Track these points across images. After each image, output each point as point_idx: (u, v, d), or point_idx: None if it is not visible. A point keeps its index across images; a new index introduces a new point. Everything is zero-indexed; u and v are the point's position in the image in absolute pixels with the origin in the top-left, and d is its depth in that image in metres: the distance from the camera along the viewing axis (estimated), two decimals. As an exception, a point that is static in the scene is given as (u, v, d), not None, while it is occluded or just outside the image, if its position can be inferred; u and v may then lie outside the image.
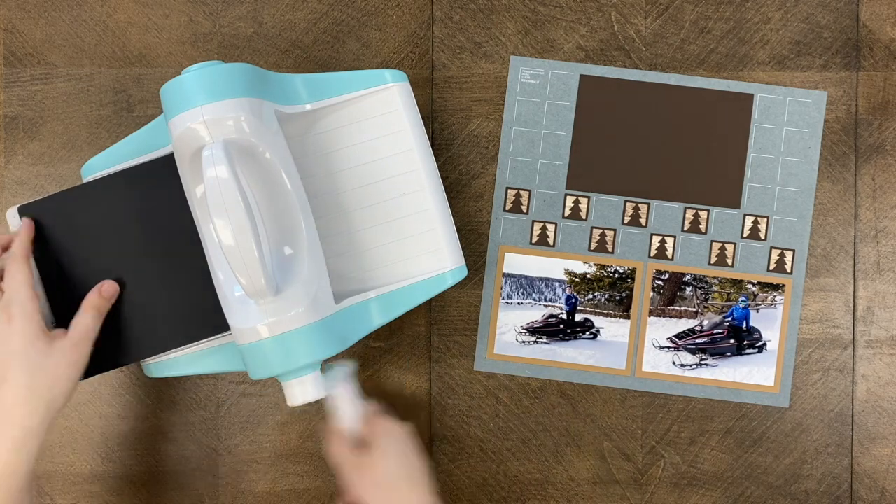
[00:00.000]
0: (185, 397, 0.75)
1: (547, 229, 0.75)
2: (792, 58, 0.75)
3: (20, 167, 0.74)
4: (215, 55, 0.75)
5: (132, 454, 0.75)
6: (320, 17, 0.75)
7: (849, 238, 0.75)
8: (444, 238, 0.67)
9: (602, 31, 0.75)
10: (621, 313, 0.75)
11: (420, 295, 0.67)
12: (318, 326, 0.61)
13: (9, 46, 0.75)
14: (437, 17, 0.75)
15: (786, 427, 0.75)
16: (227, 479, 0.75)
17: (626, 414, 0.75)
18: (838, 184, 0.75)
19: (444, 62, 0.75)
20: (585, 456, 0.75)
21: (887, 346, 0.74)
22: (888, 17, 0.75)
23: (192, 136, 0.59)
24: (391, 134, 0.67)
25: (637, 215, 0.75)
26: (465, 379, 0.75)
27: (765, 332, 0.75)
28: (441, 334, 0.75)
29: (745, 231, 0.75)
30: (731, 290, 0.75)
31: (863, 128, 0.75)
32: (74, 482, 0.75)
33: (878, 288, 0.75)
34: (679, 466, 0.75)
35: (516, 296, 0.75)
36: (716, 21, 0.75)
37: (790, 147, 0.75)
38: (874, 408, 0.75)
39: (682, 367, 0.75)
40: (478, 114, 0.75)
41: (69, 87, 0.75)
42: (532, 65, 0.75)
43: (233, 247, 0.57)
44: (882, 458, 0.74)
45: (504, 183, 0.75)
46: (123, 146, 0.67)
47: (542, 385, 0.75)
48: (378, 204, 0.68)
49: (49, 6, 0.75)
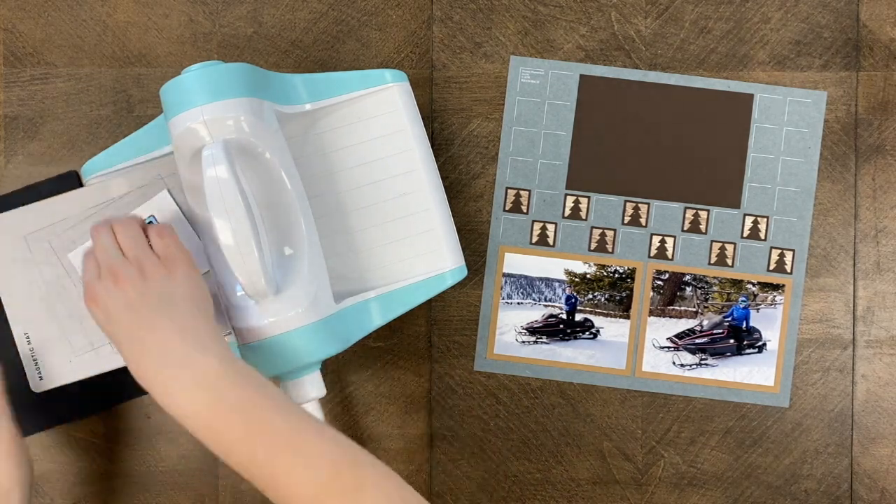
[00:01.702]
0: (185, 397, 0.75)
1: (547, 229, 0.75)
2: (792, 58, 0.75)
3: (20, 167, 0.74)
4: (215, 55, 0.75)
5: (132, 454, 0.75)
6: (320, 17, 0.75)
7: (849, 238, 0.75)
8: (444, 238, 0.68)
9: (602, 31, 0.75)
10: (621, 313, 0.75)
11: (420, 295, 0.67)
12: (318, 326, 0.61)
13: (9, 46, 0.75)
14: (437, 17, 0.75)
15: (786, 427, 0.75)
16: (227, 479, 0.75)
17: (626, 414, 0.75)
18: (838, 184, 0.75)
19: (444, 62, 0.75)
20: (585, 456, 0.75)
21: (887, 346, 0.74)
22: (888, 17, 0.75)
23: (192, 136, 0.59)
24: (391, 134, 0.67)
25: (637, 215, 0.75)
26: (465, 379, 0.75)
27: (765, 332, 0.75)
28: (441, 334, 0.75)
29: (745, 231, 0.75)
30: (731, 290, 0.75)
31: (863, 128, 0.75)
32: (74, 482, 0.75)
33: (878, 288, 0.75)
34: (679, 466, 0.75)
35: (516, 296, 0.75)
36: (716, 21, 0.75)
37: (790, 147, 0.75)
38: (874, 408, 0.75)
39: (682, 367, 0.75)
40: (478, 114, 0.75)
41: (69, 87, 0.75)
42: (532, 65, 0.75)
43: (233, 247, 0.57)
44: (882, 458, 0.74)
45: (504, 183, 0.75)
46: (123, 146, 0.67)
47: (542, 385, 0.75)
48: (378, 204, 0.68)
49: (49, 6, 0.75)
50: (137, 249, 0.58)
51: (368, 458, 0.52)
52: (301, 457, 0.51)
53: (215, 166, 0.57)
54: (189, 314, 0.55)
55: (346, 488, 0.50)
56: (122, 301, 0.55)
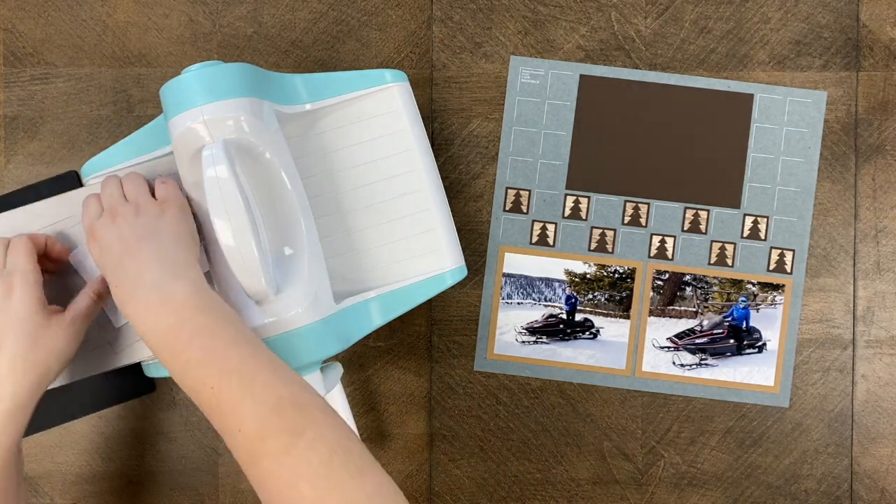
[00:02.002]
0: (185, 397, 0.75)
1: (547, 229, 0.75)
2: (792, 58, 0.75)
3: (20, 167, 0.74)
4: (215, 55, 0.75)
5: (132, 454, 0.75)
6: (320, 17, 0.75)
7: (849, 238, 0.75)
8: (444, 238, 0.67)
9: (602, 31, 0.75)
10: (621, 313, 0.75)
11: (420, 295, 0.67)
12: (318, 326, 0.61)
13: (9, 46, 0.75)
14: (437, 17, 0.75)
15: (786, 427, 0.75)
16: (227, 479, 0.75)
17: (626, 414, 0.75)
18: (838, 184, 0.75)
19: (444, 62, 0.75)
20: (585, 456, 0.75)
21: (887, 346, 0.74)
22: (888, 17, 0.75)
23: (192, 136, 0.59)
24: (391, 134, 0.67)
25: (637, 215, 0.75)
26: (465, 379, 0.75)
27: (765, 332, 0.75)
28: (441, 334, 0.75)
29: (745, 231, 0.75)
30: (731, 290, 0.75)
31: (863, 128, 0.75)
32: (74, 482, 0.75)
33: (878, 288, 0.75)
34: (679, 466, 0.75)
35: (516, 296, 0.75)
36: (716, 21, 0.75)
37: (790, 147, 0.75)
38: (874, 408, 0.75)
39: (682, 367, 0.75)
40: (478, 114, 0.75)
41: (69, 87, 0.75)
42: (532, 65, 0.75)
43: (233, 247, 0.57)
44: (882, 458, 0.74)
45: (504, 183, 0.75)
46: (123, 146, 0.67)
47: (542, 385, 0.75)
48: (378, 204, 0.68)
49: (49, 6, 0.75)
50: (138, 194, 0.61)
51: (318, 402, 0.52)
52: (249, 389, 0.51)
53: (215, 166, 0.57)
54: (171, 245, 0.57)
55: (287, 428, 0.49)
56: (115, 234, 0.58)
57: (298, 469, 0.48)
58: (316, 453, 0.49)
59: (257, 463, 0.49)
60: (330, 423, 0.51)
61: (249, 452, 0.50)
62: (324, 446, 0.49)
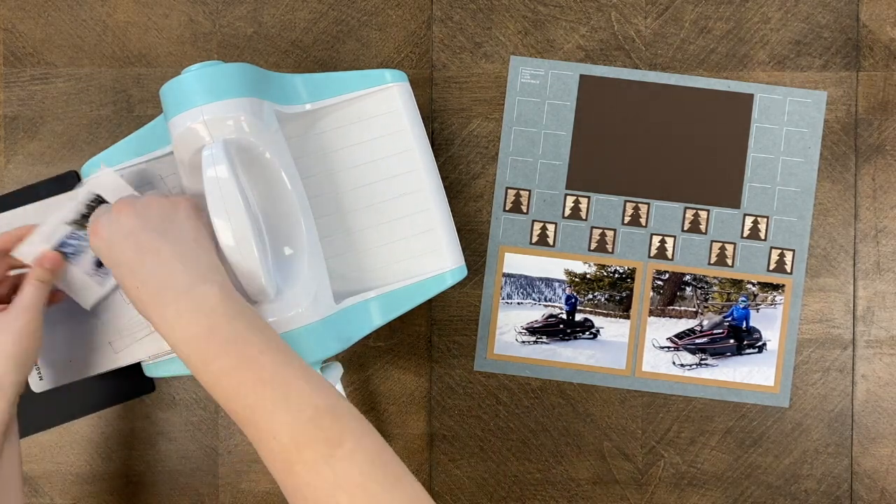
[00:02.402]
0: (185, 397, 0.75)
1: (547, 229, 0.75)
2: (792, 58, 0.75)
3: (20, 167, 0.74)
4: (215, 55, 0.75)
5: (132, 454, 0.75)
6: (320, 17, 0.75)
7: (849, 238, 0.75)
8: (444, 238, 0.67)
9: (602, 31, 0.75)
10: (621, 313, 0.75)
11: (420, 295, 0.67)
12: (318, 326, 0.61)
13: (9, 46, 0.75)
14: (437, 17, 0.75)
15: (786, 427, 0.75)
16: (227, 479, 0.75)
17: (626, 414, 0.75)
18: (838, 184, 0.75)
19: (444, 62, 0.75)
20: (585, 456, 0.75)
21: (887, 346, 0.74)
22: (888, 17, 0.75)
23: (191, 136, 0.59)
24: (391, 134, 0.67)
25: (637, 215, 0.75)
26: (465, 379, 0.75)
27: (765, 332, 0.75)
28: (441, 334, 0.75)
29: (745, 231, 0.75)
30: (731, 290, 0.75)
31: (863, 128, 0.75)
32: (74, 482, 0.75)
33: (878, 288, 0.75)
34: (679, 466, 0.75)
35: (516, 296, 0.75)
36: (716, 21, 0.75)
37: (790, 147, 0.75)
38: (874, 408, 0.75)
39: (682, 367, 0.75)
40: (478, 114, 0.75)
41: (69, 87, 0.75)
42: (532, 65, 0.75)
43: (233, 247, 0.57)
44: (882, 458, 0.74)
45: (504, 183, 0.75)
46: (123, 146, 0.67)
47: (542, 385, 0.75)
48: (378, 204, 0.68)
49: (49, 6, 0.75)
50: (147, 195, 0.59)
51: (353, 412, 0.51)
52: (285, 398, 0.50)
53: (215, 166, 0.57)
54: (191, 240, 0.55)
55: (325, 438, 0.49)
56: (123, 229, 0.55)
57: (337, 480, 0.48)
58: (355, 464, 0.48)
59: (293, 472, 0.49)
60: (366, 433, 0.50)
61: (285, 462, 0.49)
62: (362, 457, 0.49)
